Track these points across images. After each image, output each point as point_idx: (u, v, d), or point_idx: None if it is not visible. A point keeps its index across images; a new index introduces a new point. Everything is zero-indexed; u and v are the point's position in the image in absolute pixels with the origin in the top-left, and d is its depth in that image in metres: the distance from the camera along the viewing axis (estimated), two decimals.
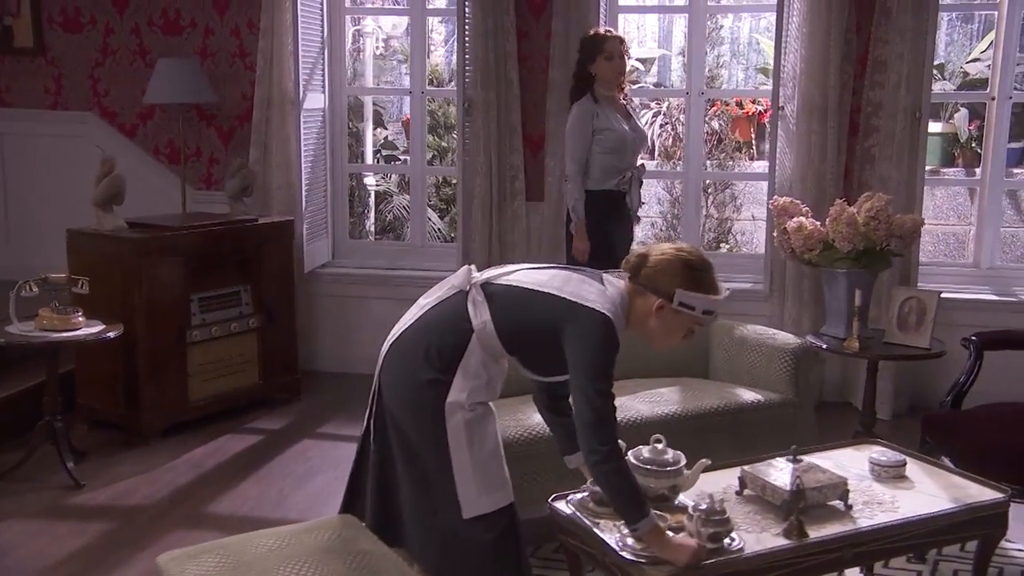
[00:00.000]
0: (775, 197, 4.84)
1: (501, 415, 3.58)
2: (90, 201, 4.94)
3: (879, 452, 3.26)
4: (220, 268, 5.16)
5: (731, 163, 7.80)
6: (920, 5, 5.12)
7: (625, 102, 5.06)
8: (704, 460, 2.93)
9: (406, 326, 2.79)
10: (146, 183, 6.10)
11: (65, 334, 4.32)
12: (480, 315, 2.68)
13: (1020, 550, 3.80)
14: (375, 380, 2.83)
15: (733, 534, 2.70)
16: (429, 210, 7.35)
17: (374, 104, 7.97)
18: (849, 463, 3.27)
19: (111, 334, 4.43)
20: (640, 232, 8.60)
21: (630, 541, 2.63)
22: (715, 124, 8.00)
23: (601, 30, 5.00)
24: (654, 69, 9.09)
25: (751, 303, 5.52)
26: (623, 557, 2.61)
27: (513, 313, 2.69)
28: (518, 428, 3.56)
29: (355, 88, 7.45)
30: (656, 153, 8.35)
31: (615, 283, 2.77)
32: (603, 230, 4.85)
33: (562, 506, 2.92)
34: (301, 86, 5.70)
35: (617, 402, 3.75)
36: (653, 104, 8.39)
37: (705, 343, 4.32)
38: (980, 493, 3.05)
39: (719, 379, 4.22)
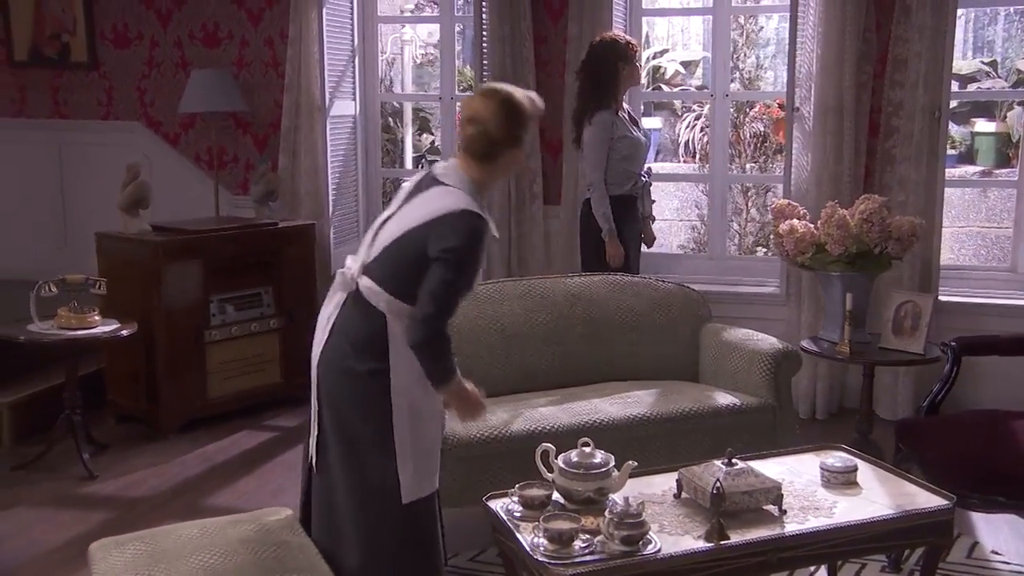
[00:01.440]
0: (774, 199, 4.78)
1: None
2: (116, 206, 5.19)
3: (834, 458, 3.21)
4: (241, 270, 5.34)
5: (772, 165, 7.69)
6: (939, 3, 4.99)
7: (628, 108, 5.10)
8: (631, 462, 2.94)
9: (323, 342, 2.88)
10: (188, 189, 6.37)
11: (80, 332, 4.56)
12: (378, 299, 2.77)
13: (1006, 563, 3.68)
14: (314, 402, 2.91)
15: (652, 536, 2.71)
16: None
17: (422, 110, 8.11)
18: (803, 468, 3.24)
19: (125, 332, 4.66)
20: (679, 236, 8.57)
21: (540, 542, 2.67)
22: (758, 126, 7.90)
23: (620, 35, 5.01)
24: (699, 72, 9.01)
25: (768, 307, 5.46)
26: (534, 559, 2.65)
27: (397, 275, 2.76)
28: (481, 428, 3.61)
29: (388, 94, 7.58)
30: (696, 156, 8.29)
31: (451, 173, 2.83)
32: (619, 234, 4.90)
33: (493, 506, 2.97)
34: (328, 93, 5.88)
35: (589, 404, 3.84)
36: (695, 107, 8.33)
37: (695, 346, 4.30)
38: (927, 501, 2.98)
39: (706, 382, 4.20)
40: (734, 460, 2.96)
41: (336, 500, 2.86)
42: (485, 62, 5.62)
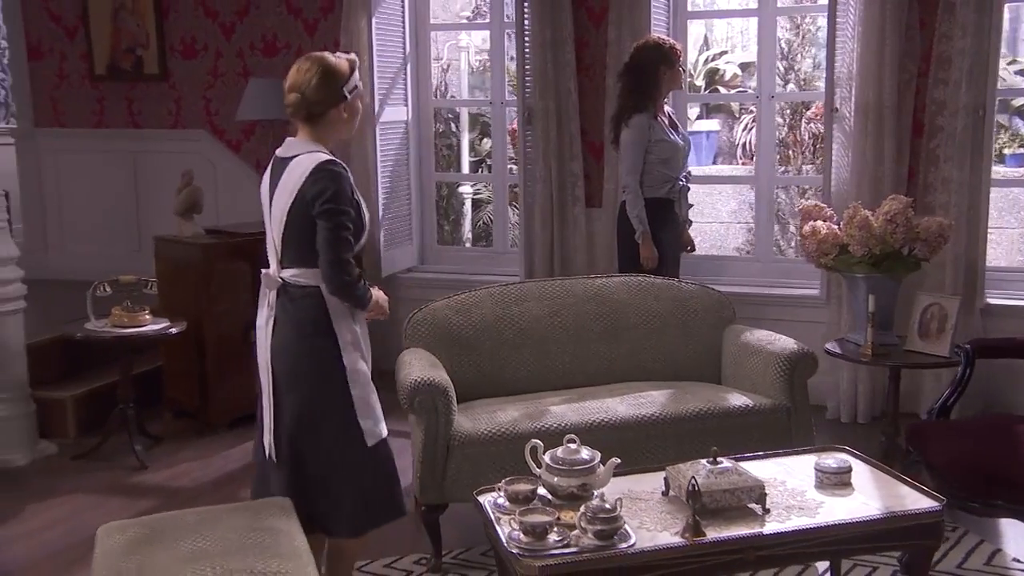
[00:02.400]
0: (802, 201, 4.75)
1: (472, 413, 3.78)
2: (172, 210, 5.46)
3: (833, 459, 3.21)
4: None
5: None
6: None
7: (670, 111, 5.12)
8: (614, 459, 2.99)
9: (270, 340, 3.07)
10: (249, 195, 6.58)
11: (130, 330, 4.81)
12: (308, 278, 2.99)
13: None
14: (267, 399, 3.08)
15: (628, 531, 2.77)
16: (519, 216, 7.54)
17: (483, 115, 8.24)
18: (799, 469, 3.24)
19: (174, 330, 4.90)
20: (736, 238, 8.50)
21: (515, 534, 2.75)
22: (816, 127, 7.78)
23: (663, 39, 5.05)
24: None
25: (809, 309, 5.43)
26: (507, 550, 2.73)
27: (307, 250, 2.97)
28: (489, 425, 3.70)
29: (439, 100, 7.70)
30: (754, 158, 8.20)
31: (293, 147, 3.05)
32: (655, 237, 4.94)
33: (482, 500, 3.06)
34: (378, 101, 6.05)
35: (601, 403, 3.89)
36: (753, 109, 8.25)
37: (718, 348, 4.31)
38: (916, 503, 2.96)
39: (727, 384, 4.20)
40: (719, 459, 2.99)
41: (311, 472, 3.05)
42: (528, 67, 5.71)
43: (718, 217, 8.09)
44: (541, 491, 3.00)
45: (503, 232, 6.60)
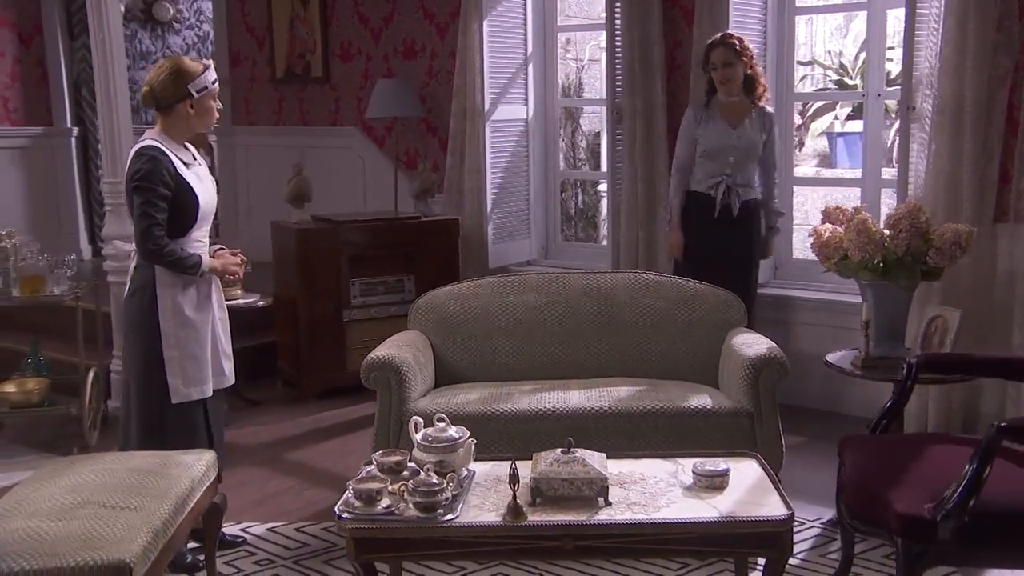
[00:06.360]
0: (828, 203, 4.51)
1: (441, 395, 3.99)
2: (283, 198, 6.05)
3: (724, 463, 3.13)
4: (385, 258, 5.96)
5: None
6: None
7: (751, 108, 5.00)
8: (471, 440, 3.12)
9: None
10: (389, 186, 7.14)
11: None
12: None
13: None
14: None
15: (457, 508, 2.91)
16: None
17: None
18: (689, 468, 3.19)
19: (260, 304, 5.48)
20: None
21: (350, 499, 2.96)
22: None
23: (717, 37, 5.02)
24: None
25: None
26: (335, 512, 2.95)
27: None
28: (442, 406, 3.89)
29: (562, 100, 7.80)
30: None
31: (145, 135, 3.49)
32: (687, 229, 5.03)
33: (364, 469, 3.28)
34: (490, 99, 6.33)
35: (564, 395, 3.99)
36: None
37: (717, 351, 4.22)
38: (770, 512, 2.86)
39: (721, 386, 4.10)
40: (572, 449, 3.03)
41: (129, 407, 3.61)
42: (618, 66, 5.77)
43: None
44: (411, 464, 3.18)
45: (616, 229, 6.66)
